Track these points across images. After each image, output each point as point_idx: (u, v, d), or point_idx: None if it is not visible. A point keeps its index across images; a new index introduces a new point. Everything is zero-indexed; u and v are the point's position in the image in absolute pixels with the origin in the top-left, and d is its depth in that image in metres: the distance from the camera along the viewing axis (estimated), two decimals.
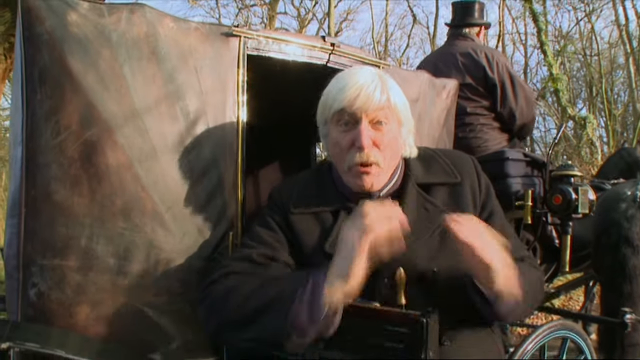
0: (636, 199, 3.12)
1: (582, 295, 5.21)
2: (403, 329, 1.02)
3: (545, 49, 11.18)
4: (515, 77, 2.87)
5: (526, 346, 2.29)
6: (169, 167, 1.33)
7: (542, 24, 11.47)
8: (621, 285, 2.93)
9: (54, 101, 1.22)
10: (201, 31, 1.40)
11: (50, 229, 1.21)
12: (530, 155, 2.96)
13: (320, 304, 1.02)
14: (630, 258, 2.94)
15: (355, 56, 1.77)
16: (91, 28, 1.24)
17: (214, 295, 1.17)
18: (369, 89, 1.19)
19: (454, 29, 3.11)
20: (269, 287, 1.11)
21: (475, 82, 2.86)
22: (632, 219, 3.01)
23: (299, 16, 18.39)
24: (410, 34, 19.57)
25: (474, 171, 1.36)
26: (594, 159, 9.45)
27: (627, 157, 4.91)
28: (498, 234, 1.28)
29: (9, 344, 1.05)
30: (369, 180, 1.23)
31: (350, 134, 1.22)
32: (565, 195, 2.58)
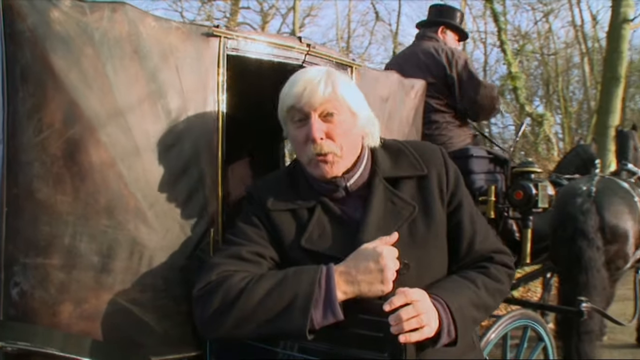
0: (591, 194, 3.29)
1: (539, 286, 5.44)
2: (382, 317, 1.08)
3: (505, 48, 11.52)
4: (474, 73, 2.95)
5: (489, 335, 2.41)
6: (151, 165, 1.34)
7: (503, 23, 11.79)
8: (577, 276, 3.09)
9: (37, 99, 1.21)
10: (182, 30, 1.41)
11: (33, 228, 1.21)
12: (493, 152, 3.07)
13: (335, 307, 1.13)
14: (586, 250, 3.11)
15: (328, 57, 1.81)
16: (73, 26, 1.24)
17: (222, 296, 1.17)
18: (312, 84, 1.25)
19: (420, 30, 3.20)
20: (283, 289, 1.15)
21: (437, 81, 2.94)
22: (587, 213, 3.19)
23: (262, 11, 18.27)
24: (373, 31, 19.77)
25: (441, 162, 1.39)
26: (551, 155, 9.83)
27: (582, 154, 5.15)
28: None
29: (1, 343, 1.04)
30: (327, 168, 1.28)
31: (304, 129, 1.27)
32: (526, 190, 2.70)
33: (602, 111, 8.92)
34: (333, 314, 1.12)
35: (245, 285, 1.17)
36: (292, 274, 1.17)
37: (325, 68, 1.34)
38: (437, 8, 3.22)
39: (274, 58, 1.63)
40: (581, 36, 15.85)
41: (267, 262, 1.27)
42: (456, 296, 1.20)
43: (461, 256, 1.36)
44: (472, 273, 1.32)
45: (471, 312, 1.23)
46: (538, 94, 18.48)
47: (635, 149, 4.37)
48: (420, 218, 1.30)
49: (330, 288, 1.13)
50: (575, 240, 3.15)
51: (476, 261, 1.37)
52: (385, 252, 1.16)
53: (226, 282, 1.18)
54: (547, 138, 10.21)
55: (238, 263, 1.23)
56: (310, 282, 1.13)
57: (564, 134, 14.04)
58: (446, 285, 1.25)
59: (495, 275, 1.34)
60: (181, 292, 1.36)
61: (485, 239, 1.39)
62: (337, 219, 1.30)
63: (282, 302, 1.13)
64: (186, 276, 1.37)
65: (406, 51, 3.27)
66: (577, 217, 3.19)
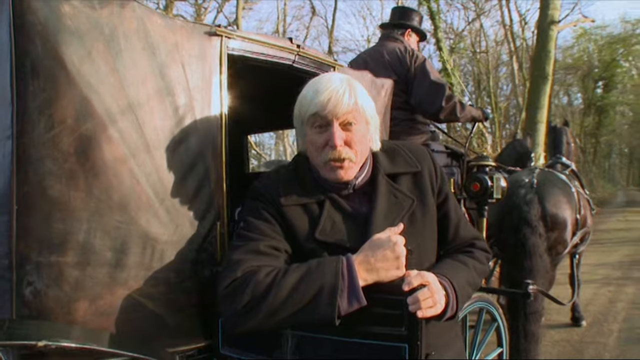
0: (533, 186, 3.56)
1: None
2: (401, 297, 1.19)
3: (441, 46, 11.94)
4: (428, 72, 3.07)
5: None
6: (161, 161, 1.35)
7: (439, 21, 12.22)
8: (523, 261, 3.35)
9: (48, 94, 1.19)
10: (186, 29, 1.43)
11: (46, 225, 1.19)
12: (450, 147, 3.25)
13: (359, 294, 1.20)
14: (530, 237, 3.37)
15: (315, 57, 1.88)
16: (84, 20, 1.23)
17: (251, 291, 1.21)
18: (338, 95, 1.33)
19: (385, 31, 3.32)
20: (309, 282, 1.21)
21: (400, 79, 3.08)
22: (530, 203, 3.45)
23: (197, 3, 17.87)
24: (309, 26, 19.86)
25: (430, 160, 1.54)
26: (484, 149, 10.37)
27: (519, 148, 5.52)
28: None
29: (45, 342, 1.03)
30: (342, 173, 1.37)
31: (324, 135, 1.35)
32: (483, 182, 2.90)
33: (531, 107, 9.53)
34: (358, 300, 1.20)
35: (272, 280, 1.22)
36: (315, 267, 1.24)
37: (346, 77, 1.41)
38: (400, 10, 3.36)
39: (269, 58, 1.67)
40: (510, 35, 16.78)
41: (284, 255, 1.33)
42: (457, 276, 1.35)
43: (449, 241, 1.53)
44: (462, 256, 1.48)
45: (467, 290, 1.40)
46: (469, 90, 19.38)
47: (568, 143, 4.73)
48: (418, 209, 1.44)
49: (352, 277, 1.21)
50: (520, 228, 3.39)
51: (462, 245, 1.54)
52: (400, 240, 1.25)
53: (253, 278, 1.22)
54: (481, 132, 10.75)
55: (258, 258, 1.27)
56: (333, 273, 1.20)
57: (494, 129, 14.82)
58: (447, 267, 1.39)
59: (480, 258, 1.52)
60: (192, 284, 1.39)
61: (465, 226, 1.58)
62: (346, 213, 1.39)
63: (310, 294, 1.19)
64: (196, 268, 1.41)
65: (371, 50, 3.38)
66: (521, 207, 3.44)
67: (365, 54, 3.40)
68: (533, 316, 3.34)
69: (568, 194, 3.69)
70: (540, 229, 3.43)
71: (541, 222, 3.44)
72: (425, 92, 3.03)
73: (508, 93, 18.86)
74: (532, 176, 3.69)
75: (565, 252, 3.68)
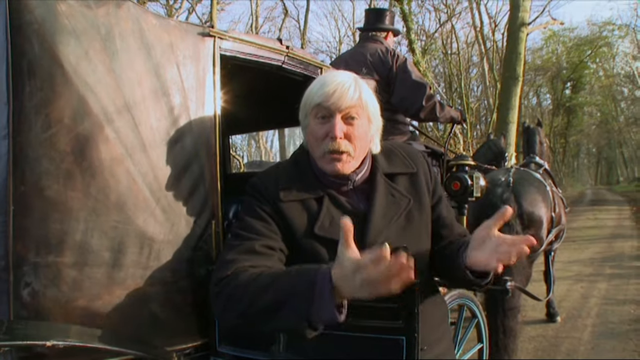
0: (509, 184, 3.66)
1: None
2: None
3: (414, 47, 12.10)
4: (409, 72, 3.13)
5: None
6: (157, 160, 1.36)
7: (412, 23, 12.37)
8: None
9: (45, 94, 1.18)
10: (179, 29, 1.43)
11: (43, 226, 1.18)
12: (430, 147, 3.32)
13: (329, 306, 1.07)
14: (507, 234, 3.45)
15: (303, 58, 1.90)
16: (81, 19, 1.22)
17: (230, 292, 1.21)
18: (343, 88, 1.35)
19: (365, 33, 3.37)
20: (282, 283, 1.15)
21: (381, 79, 3.13)
22: (507, 201, 3.54)
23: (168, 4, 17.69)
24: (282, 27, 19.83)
25: (424, 162, 1.58)
26: (457, 149, 10.56)
27: (493, 148, 5.64)
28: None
29: (53, 341, 1.02)
30: (340, 165, 1.38)
31: (326, 126, 1.37)
32: (462, 181, 2.96)
33: (502, 108, 9.74)
34: (330, 316, 1.08)
35: (251, 280, 1.19)
36: (294, 272, 1.17)
37: (353, 74, 1.43)
38: (375, 13, 3.42)
39: (259, 59, 1.69)
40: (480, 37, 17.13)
41: (278, 254, 1.33)
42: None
43: (444, 238, 1.56)
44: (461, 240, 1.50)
45: None
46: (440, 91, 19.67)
47: (541, 143, 4.86)
48: (414, 208, 1.47)
49: (324, 289, 1.08)
50: None
51: (455, 239, 1.57)
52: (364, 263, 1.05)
53: (237, 278, 1.22)
54: (454, 133, 10.93)
55: (251, 258, 1.27)
56: (308, 280, 1.11)
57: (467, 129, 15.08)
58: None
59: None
60: (187, 283, 1.40)
61: (457, 224, 1.63)
62: (344, 209, 1.41)
63: (279, 298, 1.13)
64: (192, 267, 1.41)
65: (352, 51, 3.43)
66: (498, 205, 3.52)
67: (346, 55, 3.44)
68: (511, 312, 3.41)
69: (543, 192, 3.79)
70: (517, 227, 3.51)
71: (518, 220, 3.53)
72: (407, 91, 3.09)
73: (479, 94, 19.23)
74: (509, 175, 3.79)
75: (541, 249, 3.79)
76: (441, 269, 1.53)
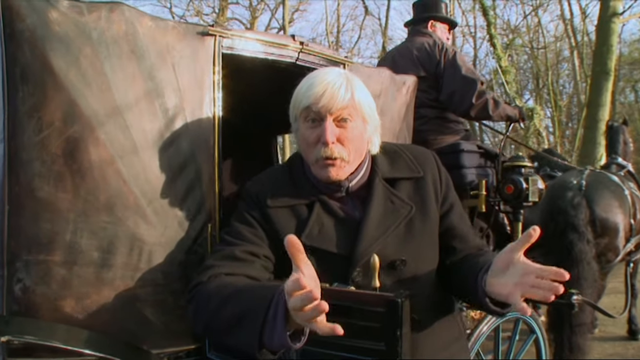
0: (581, 188, 3.35)
1: None
2: (379, 308, 1.10)
3: (494, 42, 11.54)
4: (458, 66, 2.93)
5: (481, 328, 2.45)
6: (149, 162, 1.37)
7: (492, 17, 11.83)
8: (568, 268, 3.12)
9: (36, 98, 1.23)
10: (178, 30, 1.43)
11: (34, 225, 1.23)
12: (483, 146, 3.11)
13: (282, 330, 0.97)
14: (577, 243, 3.16)
15: (322, 54, 1.84)
16: (72, 26, 1.26)
17: (197, 301, 1.19)
18: (333, 88, 1.26)
19: (413, 26, 3.23)
20: (240, 300, 1.09)
21: (429, 75, 2.98)
22: (578, 206, 3.25)
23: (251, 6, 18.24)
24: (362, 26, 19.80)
25: (434, 165, 1.45)
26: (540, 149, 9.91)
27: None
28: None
29: (8, 337, 1.07)
30: (334, 172, 1.30)
31: (317, 130, 1.28)
32: (517, 184, 2.74)
33: (592, 105, 9.00)
34: (280, 341, 0.98)
35: (216, 291, 1.15)
36: (255, 288, 1.12)
37: (344, 71, 1.34)
38: (422, 4, 3.25)
39: (268, 56, 1.65)
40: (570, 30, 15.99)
41: (261, 261, 1.28)
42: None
43: (457, 251, 1.43)
44: (481, 252, 1.39)
45: None
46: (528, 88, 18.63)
47: (625, 143, 4.44)
48: (417, 217, 1.35)
49: (278, 312, 0.98)
50: (566, 234, 3.20)
51: (471, 252, 1.43)
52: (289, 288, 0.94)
53: (206, 287, 1.18)
54: (538, 132, 10.27)
55: (230, 264, 1.24)
56: (265, 298, 1.02)
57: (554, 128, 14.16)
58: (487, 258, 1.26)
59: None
60: (180, 286, 1.39)
61: (473, 235, 1.49)
62: (336, 217, 1.33)
63: (235, 314, 1.07)
64: (185, 271, 1.41)
65: (400, 47, 3.30)
66: (568, 211, 3.25)
67: (394, 51, 3.32)
68: (579, 328, 3.13)
69: (620, 196, 3.44)
70: (589, 235, 3.22)
71: (589, 227, 3.24)
72: (455, 87, 2.91)
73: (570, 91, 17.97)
74: (581, 178, 3.48)
75: (617, 259, 3.44)
76: (457, 289, 1.39)
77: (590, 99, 9.33)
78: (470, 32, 17.98)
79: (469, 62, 3.24)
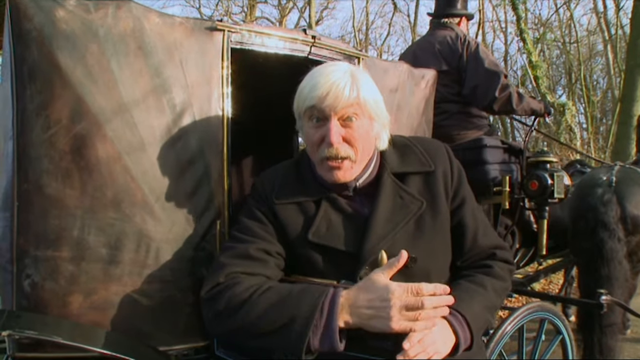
0: (612, 184, 3.22)
1: (562, 278, 5.35)
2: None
3: (524, 37, 11.32)
4: (481, 58, 2.86)
5: (505, 327, 2.38)
6: (157, 159, 1.36)
7: (522, 11, 11.59)
8: (598, 268, 3.02)
9: (44, 96, 1.24)
10: (186, 26, 1.43)
11: (43, 221, 1.24)
12: (507, 142, 3.02)
13: (334, 338, 1.08)
14: (607, 242, 3.04)
15: (335, 48, 1.81)
16: (79, 24, 1.27)
17: (223, 305, 1.18)
18: (338, 87, 1.22)
19: (435, 19, 3.17)
20: (284, 308, 1.12)
21: (451, 69, 2.91)
22: (608, 203, 3.11)
23: (280, 5, 18.29)
24: (391, 22, 19.68)
25: (446, 158, 1.40)
26: (573, 145, 9.63)
27: None
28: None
29: (9, 331, 1.08)
30: (340, 173, 1.27)
31: (321, 130, 1.25)
32: (542, 181, 2.66)
33: (625, 99, 8.71)
34: (331, 344, 1.08)
35: (248, 296, 1.15)
36: (297, 293, 1.14)
37: (350, 68, 1.30)
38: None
39: (279, 51, 1.63)
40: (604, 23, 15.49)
41: (274, 259, 1.27)
42: (471, 305, 1.24)
43: (465, 251, 1.39)
44: (479, 277, 1.35)
45: (484, 316, 1.27)
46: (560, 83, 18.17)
47: None
48: (427, 213, 1.32)
49: (331, 317, 1.08)
50: (596, 232, 3.08)
51: (480, 257, 1.40)
52: (398, 292, 1.09)
53: (231, 289, 1.18)
54: (570, 128, 10.00)
55: (245, 263, 1.23)
56: (311, 306, 1.10)
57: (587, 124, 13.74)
58: (461, 295, 1.25)
59: (500, 274, 1.37)
60: (188, 283, 1.39)
61: (486, 233, 1.42)
62: (344, 213, 1.30)
63: (280, 321, 1.10)
64: (193, 267, 1.40)
65: (421, 40, 3.24)
66: (598, 208, 3.12)
67: (415, 45, 3.26)
68: (609, 329, 3.00)
69: None
70: (620, 233, 3.08)
71: (620, 224, 3.09)
72: (478, 80, 2.83)
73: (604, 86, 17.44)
74: (611, 174, 3.34)
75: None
76: None
77: (624, 93, 9.02)
78: (500, 27, 17.63)
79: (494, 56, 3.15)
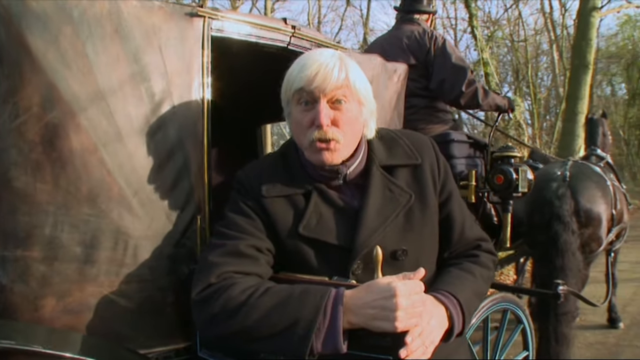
0: (566, 179, 3.35)
1: (512, 270, 5.56)
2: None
3: (476, 34, 11.61)
4: (448, 54, 2.91)
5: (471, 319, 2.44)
6: (135, 151, 1.28)
7: (474, 9, 11.88)
8: (554, 259, 3.15)
9: (12, 81, 1.14)
10: (165, 10, 1.34)
11: (11, 218, 1.14)
12: (473, 137, 3.08)
13: (337, 340, 1.05)
14: (562, 234, 3.16)
15: (314, 39, 1.77)
16: (50, 3, 1.17)
17: (218, 308, 1.12)
18: (327, 68, 1.20)
19: (402, 14, 3.18)
20: (285, 311, 1.08)
21: (419, 64, 2.94)
22: (562, 197, 3.24)
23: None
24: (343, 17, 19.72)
25: (432, 152, 1.40)
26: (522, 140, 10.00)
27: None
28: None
29: None
30: (328, 155, 1.24)
31: (310, 113, 1.23)
32: (507, 175, 2.71)
33: (570, 98, 9.12)
34: (334, 346, 1.05)
35: (246, 299, 1.10)
36: (298, 295, 1.10)
37: (338, 52, 1.28)
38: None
39: (259, 40, 1.58)
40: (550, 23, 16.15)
41: (265, 256, 1.23)
42: (463, 289, 1.25)
43: (453, 243, 1.40)
44: (468, 264, 1.37)
45: (474, 302, 1.29)
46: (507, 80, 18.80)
47: (604, 135, 4.50)
48: (416, 205, 1.31)
49: (335, 318, 1.05)
50: (552, 225, 3.20)
51: (466, 248, 1.42)
52: (401, 291, 1.06)
53: (226, 291, 1.12)
54: (518, 124, 10.36)
55: (236, 261, 1.17)
56: (314, 308, 1.06)
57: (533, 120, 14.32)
58: (452, 280, 1.28)
59: (485, 263, 1.40)
60: (168, 282, 1.32)
61: (471, 226, 1.45)
62: (335, 206, 1.27)
63: (282, 324, 1.07)
64: (173, 265, 1.33)
65: (388, 35, 3.25)
66: (553, 202, 3.24)
67: (381, 39, 3.26)
68: (564, 317, 3.14)
69: (603, 187, 3.46)
70: (573, 225, 3.22)
71: (574, 217, 3.23)
72: (445, 75, 2.88)
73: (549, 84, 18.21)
74: (565, 169, 3.49)
75: (600, 249, 3.46)
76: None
77: (569, 91, 9.44)
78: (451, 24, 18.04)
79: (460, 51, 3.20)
